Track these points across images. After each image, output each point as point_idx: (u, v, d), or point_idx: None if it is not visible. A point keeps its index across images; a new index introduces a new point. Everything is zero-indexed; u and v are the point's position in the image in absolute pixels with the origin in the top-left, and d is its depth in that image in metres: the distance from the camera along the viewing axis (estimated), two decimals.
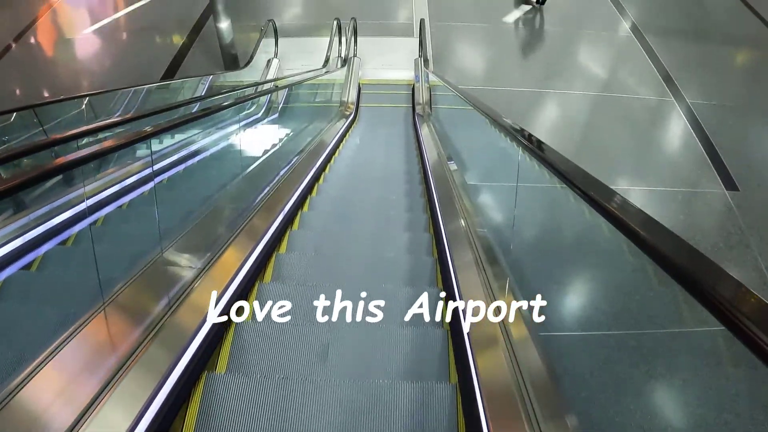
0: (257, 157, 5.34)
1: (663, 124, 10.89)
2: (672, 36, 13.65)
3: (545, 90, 11.48)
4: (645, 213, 1.43)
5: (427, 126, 8.73)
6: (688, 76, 12.06)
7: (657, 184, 9.27)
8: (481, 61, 12.68)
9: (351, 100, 10.39)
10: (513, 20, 14.02)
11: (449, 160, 5.98)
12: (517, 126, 2.79)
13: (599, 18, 14.43)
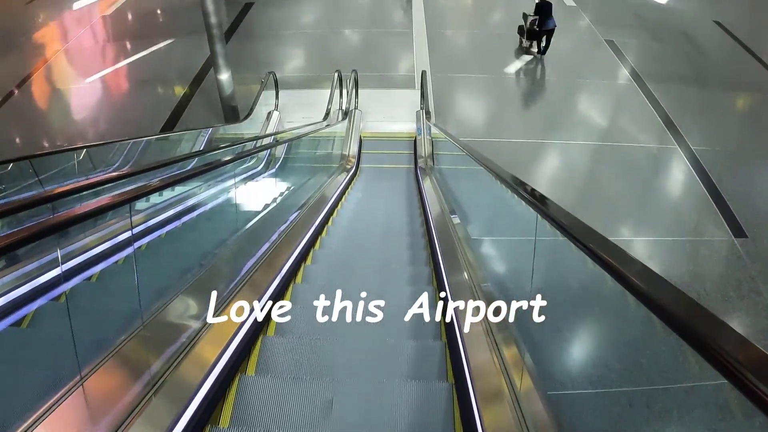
0: (256, 213, 5.15)
1: (667, 171, 10.77)
2: (673, 82, 13.70)
3: (547, 141, 11.38)
4: (642, 264, 1.46)
5: (430, 179, 8.56)
6: (691, 122, 12.06)
7: (663, 233, 9.08)
8: (482, 112, 12.59)
9: (352, 154, 10.22)
10: (514, 71, 14.00)
11: (452, 214, 5.84)
12: (518, 179, 2.79)
13: (599, 66, 14.49)
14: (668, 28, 17.01)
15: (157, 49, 15.42)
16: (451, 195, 6.69)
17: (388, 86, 13.16)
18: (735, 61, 15.48)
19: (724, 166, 10.60)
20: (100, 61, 15.14)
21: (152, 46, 15.56)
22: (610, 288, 1.56)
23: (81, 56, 15.68)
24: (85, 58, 15.59)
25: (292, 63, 14.62)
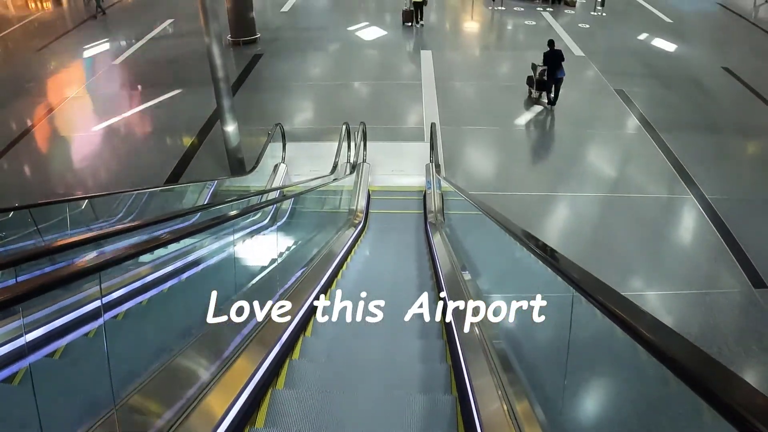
0: (255, 274, 4.88)
1: (681, 221, 10.51)
2: (684, 130, 13.54)
3: (558, 193, 11.11)
4: (655, 318, 1.51)
5: (440, 235, 8.29)
6: (704, 170, 11.85)
7: (680, 286, 8.79)
8: (492, 165, 12.37)
9: (360, 208, 9.97)
10: (524, 122, 13.85)
11: (463, 270, 5.65)
12: (530, 234, 2.80)
13: (609, 116, 14.38)
14: (677, 75, 17.04)
15: (165, 99, 15.47)
16: (462, 251, 6.49)
17: (397, 139, 13.00)
18: (746, 107, 15.44)
19: (739, 215, 10.36)
20: (108, 110, 15.16)
21: (160, 95, 15.63)
22: (626, 344, 1.56)
23: (89, 104, 15.77)
24: (92, 106, 15.67)
25: (300, 115, 14.55)
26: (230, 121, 11.14)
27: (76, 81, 17.31)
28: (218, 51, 10.52)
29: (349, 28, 20.89)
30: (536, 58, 14.99)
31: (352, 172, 10.52)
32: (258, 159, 10.55)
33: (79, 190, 11.16)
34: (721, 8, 26.11)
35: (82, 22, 23.10)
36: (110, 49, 19.76)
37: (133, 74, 17.64)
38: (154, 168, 12.04)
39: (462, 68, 17.50)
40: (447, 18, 23.85)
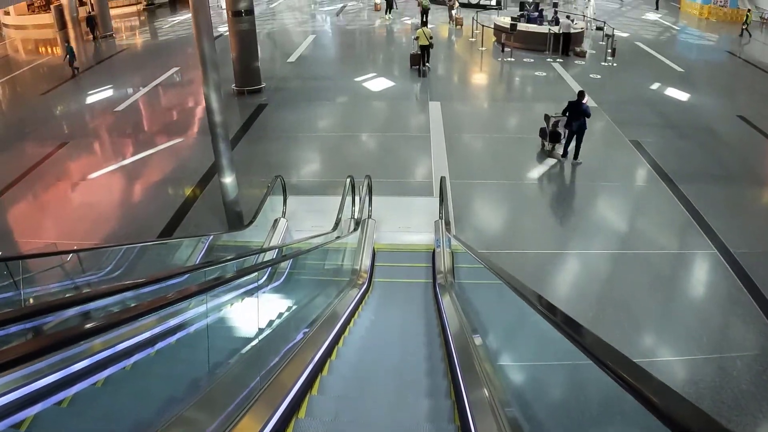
0: (253, 336, 4.53)
1: (706, 278, 9.83)
2: (703, 181, 13.05)
3: (573, 250, 10.47)
4: (668, 388, 1.50)
5: (450, 297, 7.69)
6: (727, 222, 11.27)
7: (709, 350, 8.02)
8: (504, 221, 11.71)
9: (364, 268, 9.30)
10: (537, 176, 13.24)
11: (474, 333, 5.40)
12: (546, 302, 2.73)
13: (626, 168, 13.86)
14: (692, 124, 16.67)
15: (165, 147, 15.15)
16: (473, 313, 6.13)
17: (405, 193, 12.40)
18: (765, 155, 15.08)
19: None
20: (106, 157, 14.87)
21: (161, 144, 15.34)
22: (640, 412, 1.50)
23: (88, 150, 15.47)
24: (91, 152, 15.37)
25: (303, 167, 14.03)
26: (228, 173, 10.64)
27: (77, 126, 17.08)
28: (216, 100, 10.12)
29: (356, 79, 20.61)
30: (548, 110, 14.57)
31: (356, 229, 9.87)
32: (255, 213, 10.03)
33: (68, 241, 10.68)
34: (729, 56, 26.30)
35: (88, 69, 23.15)
36: (113, 95, 19.60)
37: (134, 121, 17.39)
38: (148, 220, 11.60)
39: (472, 120, 17.06)
40: (455, 69, 23.60)
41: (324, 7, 36.70)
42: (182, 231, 11.10)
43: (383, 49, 26.75)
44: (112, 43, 27.81)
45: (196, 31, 9.72)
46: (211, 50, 9.82)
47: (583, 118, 13.09)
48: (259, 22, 30.81)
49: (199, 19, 9.68)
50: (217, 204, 11.31)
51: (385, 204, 11.56)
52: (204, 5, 9.73)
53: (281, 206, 10.98)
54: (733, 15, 33.07)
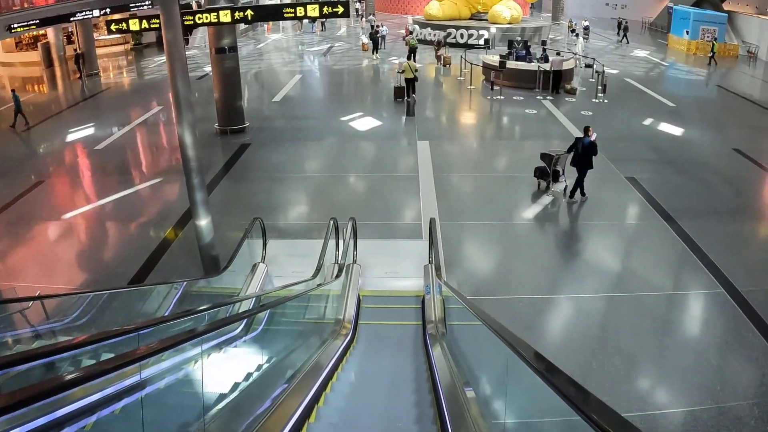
0: (226, 394, 4.34)
1: (715, 321, 9.13)
2: (704, 217, 12.56)
3: (571, 294, 9.78)
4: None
5: (441, 348, 7.07)
6: (733, 259, 10.74)
7: (727, 397, 7.33)
8: (498, 264, 11.00)
9: (348, 318, 8.57)
10: (531, 216, 12.62)
11: (466, 387, 5.25)
12: (548, 363, 2.70)
13: (623, 206, 13.34)
14: (689, 159, 16.32)
15: (143, 187, 14.58)
16: (466, 366, 5.83)
17: (392, 236, 11.72)
18: (765, 189, 14.74)
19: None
20: (81, 197, 14.28)
21: (139, 184, 14.78)
22: None
23: (62, 190, 14.88)
24: (65, 192, 14.77)
25: (286, 209, 13.37)
26: (203, 215, 10.00)
27: (54, 164, 16.57)
28: (191, 141, 9.56)
29: (342, 118, 20.13)
30: (540, 148, 14.09)
31: (340, 275, 9.15)
32: (231, 258, 9.35)
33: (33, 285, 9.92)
34: (720, 90, 26.48)
35: (72, 106, 22.81)
36: (94, 134, 19.19)
37: (112, 161, 16.81)
38: (120, 264, 10.95)
39: (462, 159, 16.56)
40: (444, 108, 23.21)
41: (311, 47, 36.61)
42: (156, 276, 10.45)
43: (370, 88, 26.42)
44: (98, 82, 27.74)
45: (170, 71, 9.26)
46: (186, 90, 9.35)
47: (590, 156, 12.65)
48: (245, 62, 30.87)
49: (174, 59, 9.20)
50: (194, 248, 10.65)
51: (371, 248, 10.87)
52: (179, 45, 9.26)
53: (260, 250, 10.28)
54: (722, 50, 33.44)
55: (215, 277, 9.45)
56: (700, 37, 34.57)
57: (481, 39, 33.62)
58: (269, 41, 39.49)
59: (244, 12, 14.93)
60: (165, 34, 9.14)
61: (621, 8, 50.61)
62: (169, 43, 9.18)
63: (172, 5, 9.04)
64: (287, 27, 46.42)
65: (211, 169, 15.26)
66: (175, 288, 8.54)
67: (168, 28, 9.11)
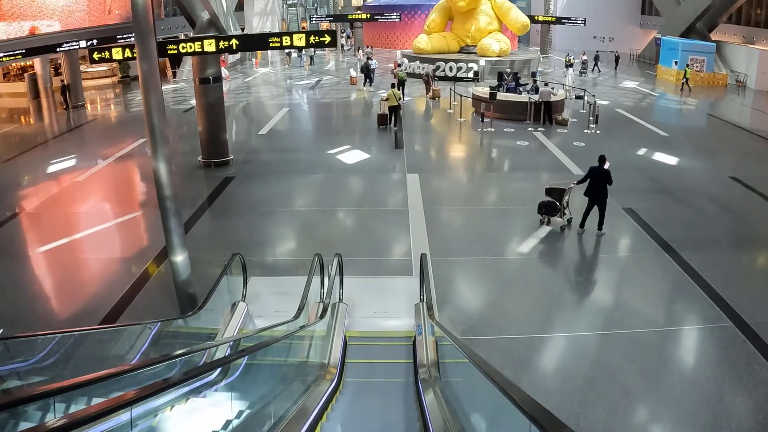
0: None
1: (725, 356, 8.50)
2: (706, 247, 12.12)
3: (574, 333, 9.19)
4: None
5: (434, 394, 6.46)
6: (740, 291, 10.25)
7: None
8: (494, 302, 10.32)
9: (334, 362, 7.90)
10: (527, 251, 12.04)
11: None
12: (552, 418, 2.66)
13: (621, 238, 12.82)
14: (686, 189, 15.98)
15: (122, 221, 13.96)
16: (461, 413, 5.50)
17: (381, 273, 11.09)
18: (767, 216, 14.35)
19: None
20: (56, 230, 13.53)
21: (118, 218, 14.17)
22: None
23: (36, 223, 14.24)
24: (40, 225, 14.11)
25: (269, 244, 12.71)
26: (179, 250, 9.38)
27: (33, 196, 16.02)
28: (166, 175, 9.01)
29: (329, 151, 19.64)
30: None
31: (325, 315, 8.49)
32: (207, 296, 8.71)
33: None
34: (711, 119, 26.59)
35: (55, 138, 22.47)
36: (74, 165, 18.73)
37: (91, 193, 16.33)
38: (93, 301, 10.30)
39: (453, 192, 16.04)
40: (434, 141, 22.77)
41: (299, 81, 36.39)
42: (130, 315, 9.82)
43: (358, 121, 25.97)
44: (83, 113, 27.46)
45: (145, 104, 8.76)
46: (161, 124, 8.81)
47: (605, 185, 12.25)
48: (233, 96, 30.63)
49: (149, 92, 8.71)
50: (172, 285, 9.99)
51: (358, 285, 10.24)
52: (154, 78, 8.77)
53: (241, 288, 9.64)
54: (711, 79, 33.80)
55: (191, 316, 8.80)
56: (688, 67, 34.75)
57: (470, 72, 33.51)
58: (257, 75, 39.29)
59: (228, 41, 14.55)
60: (140, 65, 8.70)
61: (609, 41, 51.05)
62: (145, 75, 8.73)
63: (148, 36, 8.58)
64: (276, 61, 46.39)
65: (193, 203, 14.73)
66: (149, 328, 7.94)
67: (143, 60, 8.66)
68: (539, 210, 13.03)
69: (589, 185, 12.35)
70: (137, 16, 8.46)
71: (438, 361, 7.31)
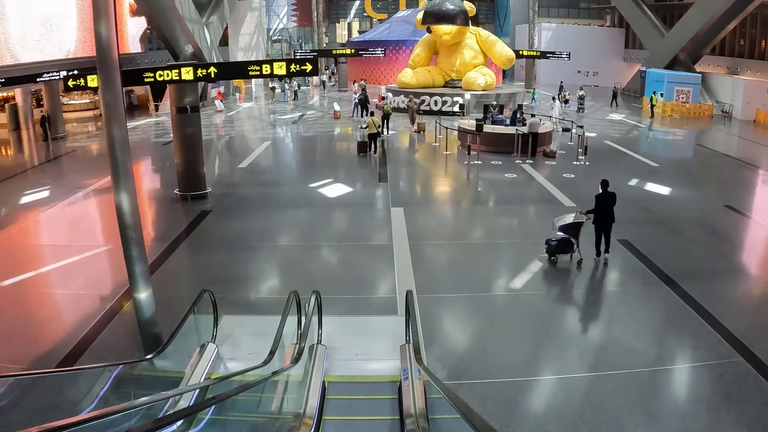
0: None
1: (739, 394, 7.80)
2: (708, 278, 11.56)
3: (574, 374, 8.43)
4: None
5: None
6: (748, 322, 9.70)
7: None
8: (486, 342, 9.52)
9: (309, 412, 7.04)
10: (520, 286, 11.31)
11: None
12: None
13: (619, 271, 12.16)
14: (682, 219, 15.59)
15: (89, 255, 13.09)
16: None
17: (364, 312, 10.26)
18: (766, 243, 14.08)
19: None
20: (17, 264, 12.71)
21: (85, 252, 13.27)
22: None
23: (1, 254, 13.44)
24: (3, 257, 13.27)
25: (245, 281, 11.84)
26: (142, 287, 8.64)
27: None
28: (129, 208, 8.36)
29: (311, 185, 18.94)
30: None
31: (299, 359, 7.65)
32: (171, 337, 7.87)
33: None
34: (700, 148, 26.84)
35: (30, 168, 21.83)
36: (45, 197, 18.05)
37: (59, 226, 15.58)
38: (51, 342, 9.45)
39: (439, 226, 15.34)
40: (419, 174, 22.17)
41: (283, 116, 35.91)
42: (91, 356, 8.98)
43: (342, 155, 25.28)
44: (62, 145, 27.02)
45: (107, 135, 8.22)
46: (124, 157, 8.34)
47: (612, 209, 11.96)
48: (214, 130, 30.03)
49: (112, 123, 8.16)
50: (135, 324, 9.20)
51: (339, 325, 9.42)
52: (118, 109, 8.16)
53: (211, 328, 8.82)
54: (696, 110, 33.93)
55: (153, 359, 7.96)
56: (675, 98, 34.85)
57: (455, 106, 33.22)
58: (241, 109, 38.81)
59: (207, 69, 14.02)
60: (102, 95, 8.15)
61: (593, 75, 51.34)
62: (107, 105, 8.17)
63: (111, 67, 7.99)
64: (260, 96, 46.06)
65: (167, 237, 14.01)
66: (109, 371, 7.19)
67: (106, 90, 8.09)
68: (550, 249, 12.18)
69: (597, 214, 12.00)
70: (100, 42, 7.87)
71: (426, 411, 6.52)
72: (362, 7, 68.01)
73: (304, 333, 7.83)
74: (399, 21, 52.02)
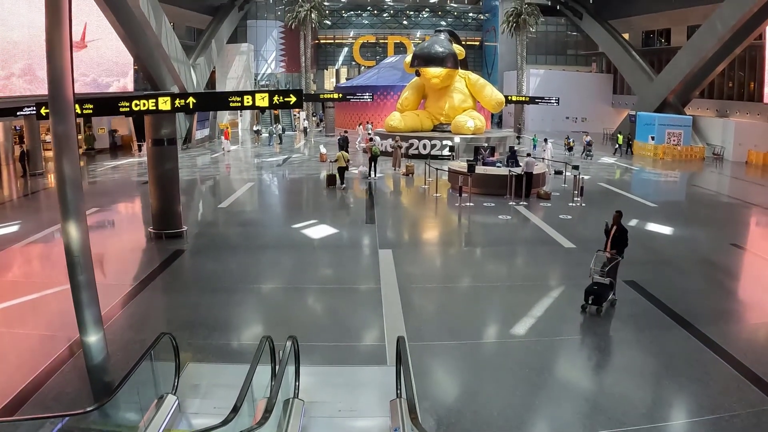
0: None
1: None
2: (725, 318, 11.02)
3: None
4: None
5: None
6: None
7: None
8: (487, 396, 8.35)
9: None
10: (523, 332, 10.25)
11: None
12: None
13: (629, 315, 11.12)
14: (687, 258, 15.06)
15: (48, 293, 12.08)
16: None
17: (348, 361, 9.08)
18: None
19: None
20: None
21: (46, 289, 12.31)
22: None
23: None
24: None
25: (215, 326, 10.58)
26: (92, 330, 7.53)
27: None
28: (78, 243, 7.41)
29: (293, 226, 17.93)
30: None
31: (268, 417, 6.44)
32: (119, 385, 6.68)
33: None
34: (696, 189, 26.88)
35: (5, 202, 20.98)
36: (15, 232, 17.24)
37: (22, 263, 14.70)
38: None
39: (430, 269, 14.33)
40: (407, 216, 21.22)
41: (268, 158, 35.17)
42: (35, 406, 7.89)
43: (327, 197, 24.33)
44: (41, 181, 26.61)
45: (57, 169, 7.48)
46: (75, 195, 7.57)
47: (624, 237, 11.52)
48: (197, 171, 29.23)
49: (63, 155, 7.50)
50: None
51: (320, 376, 8.24)
52: (70, 141, 7.48)
53: (172, 377, 7.67)
54: (688, 153, 33.99)
55: (102, 410, 6.78)
56: (666, 140, 34.77)
57: (444, 149, 32.57)
58: (225, 152, 38.10)
59: (185, 99, 13.20)
60: (53, 127, 7.29)
61: (582, 121, 51.29)
62: (59, 137, 7.36)
63: (62, 97, 7.15)
64: (246, 140, 45.47)
65: (136, 276, 13.00)
66: (52, 423, 6.31)
67: (57, 122, 7.27)
68: (595, 295, 10.92)
69: (621, 246, 11.55)
70: (53, 71, 7.02)
71: None
72: (350, 54, 68.31)
73: (277, 385, 6.65)
74: (387, 67, 51.91)
